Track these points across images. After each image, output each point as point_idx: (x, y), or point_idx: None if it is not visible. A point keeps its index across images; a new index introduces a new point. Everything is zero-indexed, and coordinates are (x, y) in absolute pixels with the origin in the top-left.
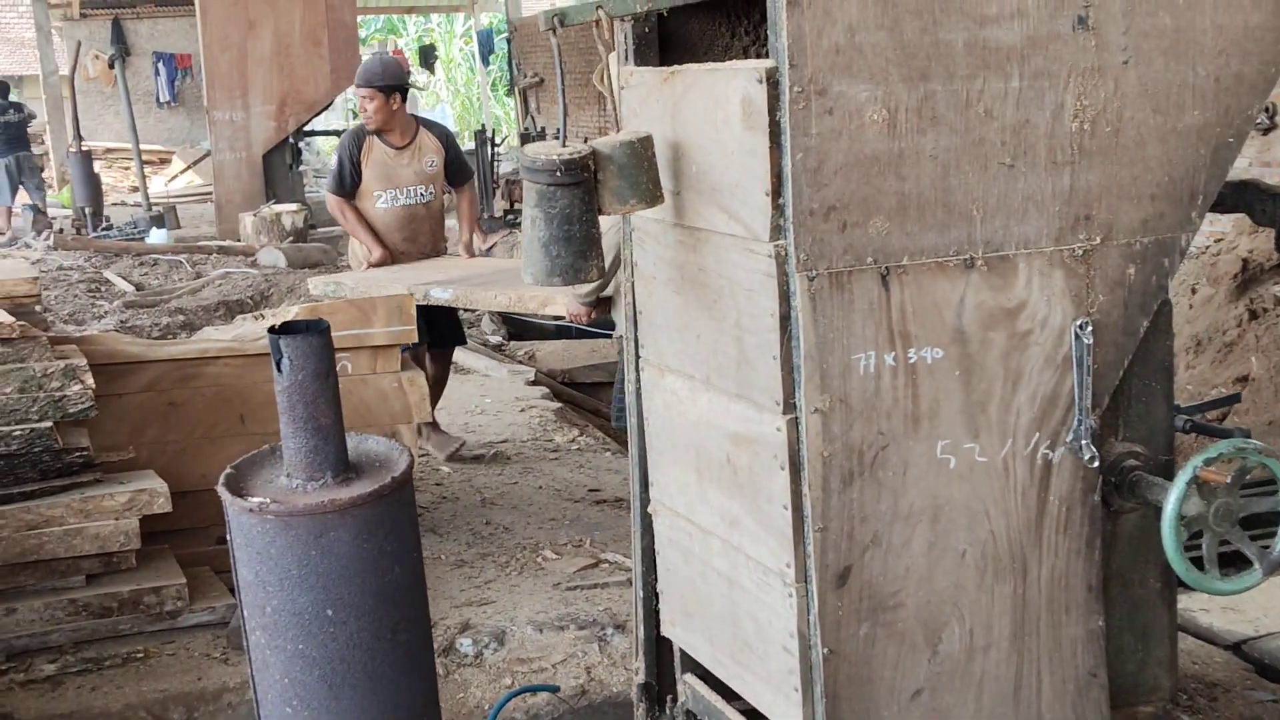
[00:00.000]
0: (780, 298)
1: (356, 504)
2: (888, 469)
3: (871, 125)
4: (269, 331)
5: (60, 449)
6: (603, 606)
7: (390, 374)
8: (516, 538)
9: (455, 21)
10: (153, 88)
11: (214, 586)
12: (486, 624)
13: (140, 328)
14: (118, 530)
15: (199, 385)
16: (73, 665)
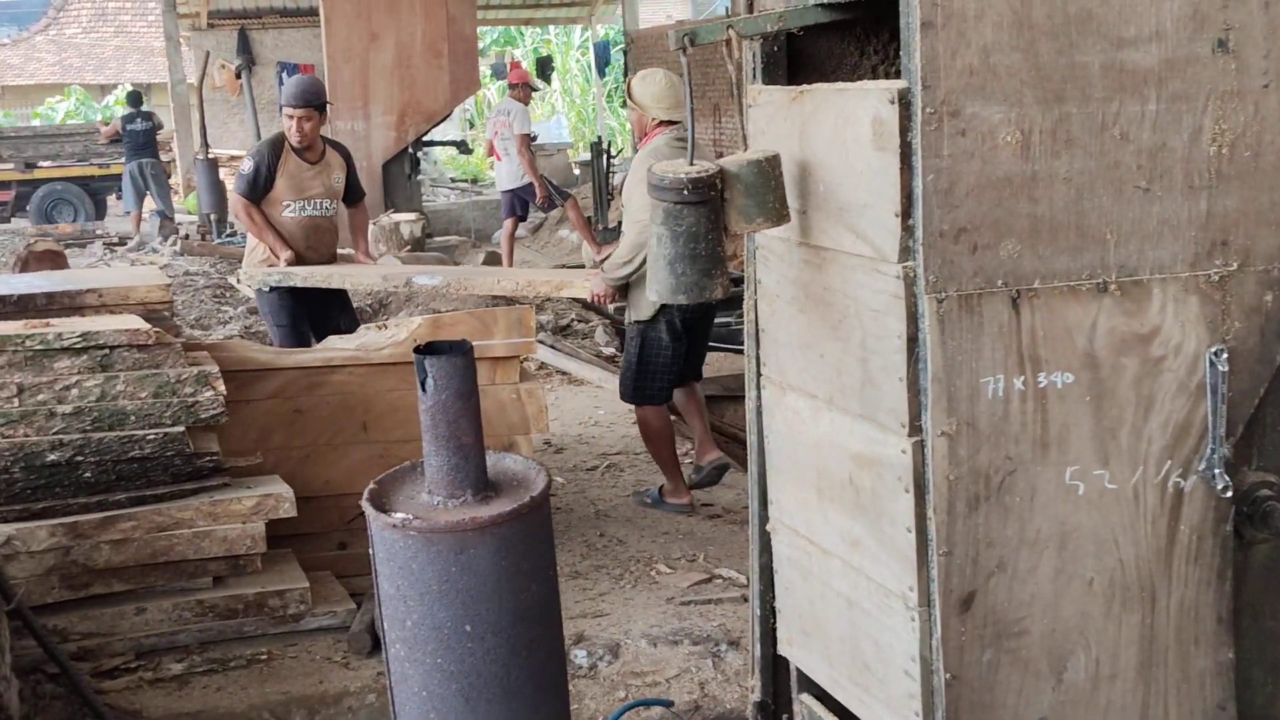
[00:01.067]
0: (908, 319)
1: (496, 522)
2: (1015, 494)
3: (1005, 147)
4: (414, 351)
5: (191, 453)
6: (717, 622)
7: (509, 385)
8: (630, 550)
9: (573, 33)
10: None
11: (335, 591)
12: (601, 636)
13: (264, 334)
14: (245, 534)
15: (323, 393)
16: (199, 665)
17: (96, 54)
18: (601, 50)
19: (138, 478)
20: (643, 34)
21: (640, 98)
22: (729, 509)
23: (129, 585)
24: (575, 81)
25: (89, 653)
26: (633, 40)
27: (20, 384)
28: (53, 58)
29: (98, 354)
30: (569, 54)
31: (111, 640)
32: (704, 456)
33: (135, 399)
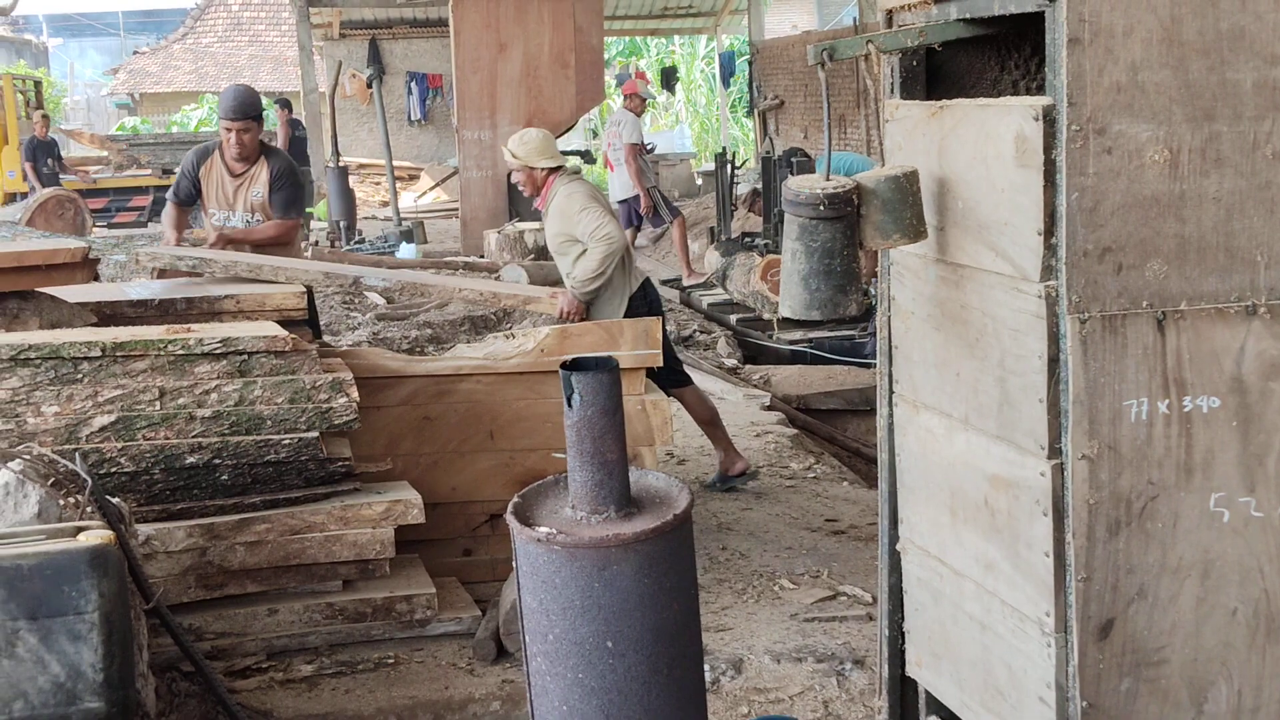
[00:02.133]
0: (1049, 339)
1: (640, 539)
2: (1157, 520)
3: (1152, 166)
4: (561, 367)
5: (324, 458)
6: (841, 640)
7: (634, 396)
8: (753, 565)
9: (698, 43)
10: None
11: (461, 597)
12: (724, 651)
13: (391, 340)
14: (374, 538)
15: (452, 401)
16: (328, 667)
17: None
18: (726, 60)
19: (272, 481)
20: (768, 44)
21: (524, 156)
22: (853, 525)
23: (262, 586)
24: (700, 92)
25: (222, 652)
26: (758, 50)
27: (162, 388)
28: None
29: (237, 359)
30: (694, 64)
31: (244, 640)
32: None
33: (272, 404)
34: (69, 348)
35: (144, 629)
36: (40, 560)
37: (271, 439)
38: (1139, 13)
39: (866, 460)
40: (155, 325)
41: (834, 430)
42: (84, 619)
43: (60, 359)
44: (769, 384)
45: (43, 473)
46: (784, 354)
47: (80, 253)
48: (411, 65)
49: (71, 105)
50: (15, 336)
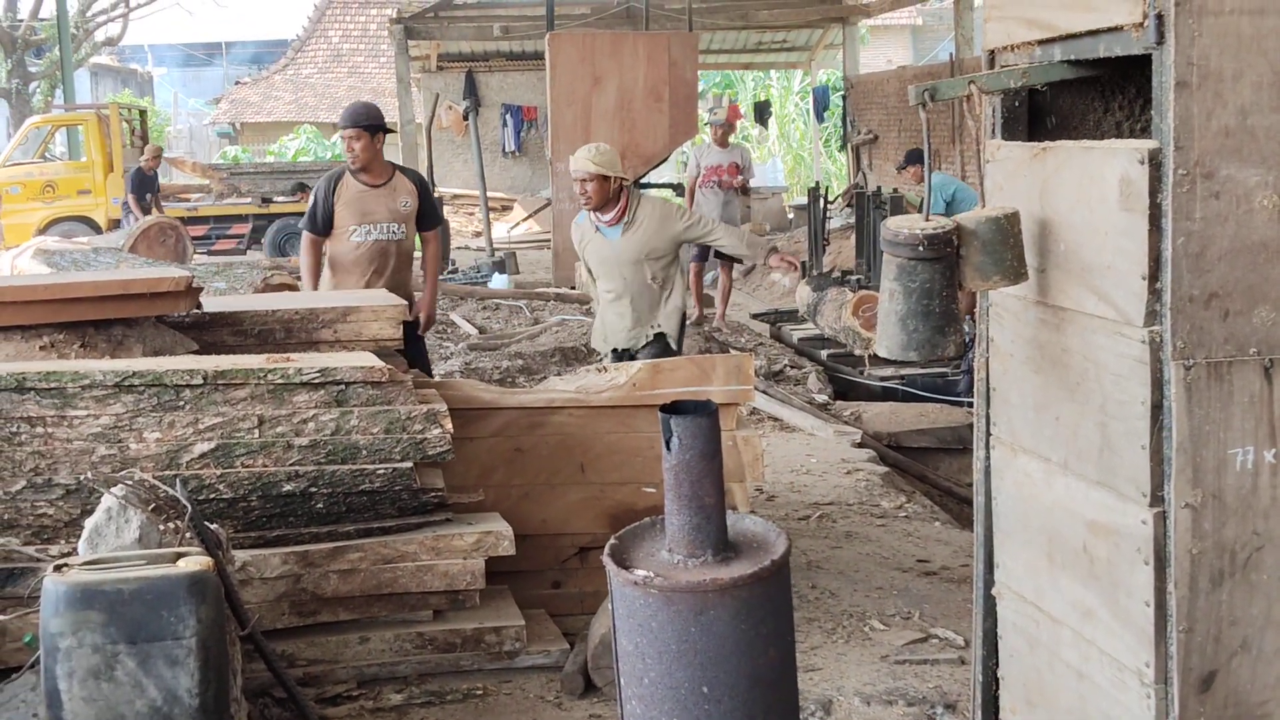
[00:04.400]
0: (1153, 385)
1: (737, 584)
2: (1262, 571)
3: (1261, 211)
4: (660, 410)
5: (418, 488)
6: (933, 684)
7: (726, 432)
8: (843, 604)
9: (793, 78)
10: (499, 137)
11: (549, 630)
12: (813, 692)
13: (482, 370)
14: (465, 569)
15: (544, 433)
16: (417, 697)
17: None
18: (821, 95)
19: (366, 510)
20: (862, 79)
21: (606, 165)
22: (945, 566)
23: (354, 614)
24: (793, 126)
25: (314, 679)
26: (852, 85)
27: (261, 416)
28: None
29: (334, 389)
30: (788, 98)
31: (335, 668)
32: None
33: (367, 434)
34: (171, 375)
35: (239, 654)
36: (140, 585)
37: (366, 469)
38: (1249, 56)
39: (958, 500)
40: (255, 354)
41: (925, 469)
42: (181, 644)
43: (163, 386)
44: (860, 420)
45: (144, 498)
46: (875, 390)
47: (184, 281)
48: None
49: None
50: (120, 363)
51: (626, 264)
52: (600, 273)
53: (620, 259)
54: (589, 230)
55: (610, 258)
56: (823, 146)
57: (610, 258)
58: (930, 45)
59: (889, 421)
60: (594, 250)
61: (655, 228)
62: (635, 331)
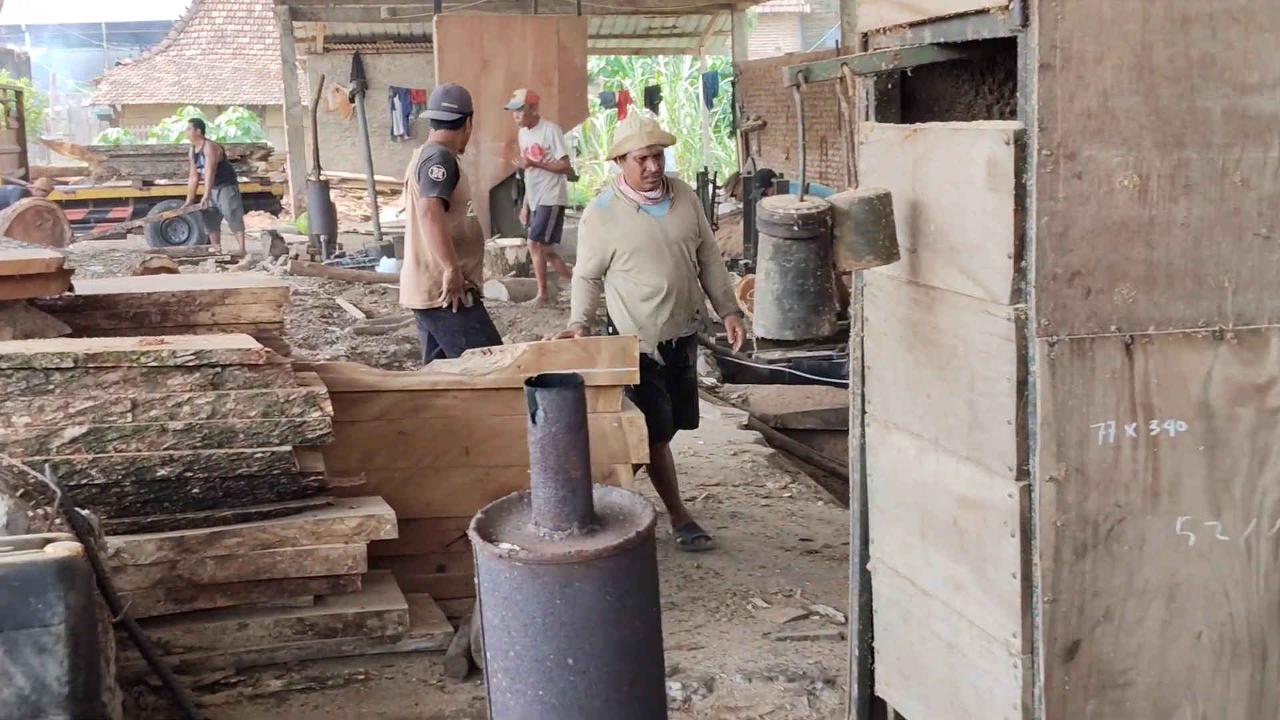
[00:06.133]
0: (1018, 362)
1: (602, 556)
2: (1123, 543)
3: (1121, 191)
4: (526, 384)
5: (297, 472)
6: (813, 659)
7: (610, 414)
8: (727, 583)
9: (682, 64)
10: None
11: (433, 613)
12: (696, 669)
13: (369, 354)
14: (346, 554)
15: (428, 416)
16: (297, 683)
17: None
18: (710, 81)
19: (244, 495)
20: (751, 66)
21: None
22: (827, 544)
23: (232, 601)
24: (683, 112)
25: (191, 666)
26: (741, 71)
27: (134, 399)
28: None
29: (210, 372)
30: (677, 84)
31: (213, 655)
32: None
33: (245, 417)
34: (41, 358)
35: (112, 642)
36: (6, 571)
37: (244, 452)
38: (1110, 39)
39: (842, 480)
40: (129, 337)
41: (811, 450)
42: (50, 631)
43: (32, 370)
44: (747, 403)
45: (11, 484)
46: (762, 373)
47: (55, 263)
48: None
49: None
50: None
51: (675, 241)
52: (645, 257)
53: (669, 237)
54: (626, 212)
55: (659, 236)
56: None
57: (659, 236)
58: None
59: (776, 404)
60: (636, 232)
61: (688, 206)
62: (684, 317)
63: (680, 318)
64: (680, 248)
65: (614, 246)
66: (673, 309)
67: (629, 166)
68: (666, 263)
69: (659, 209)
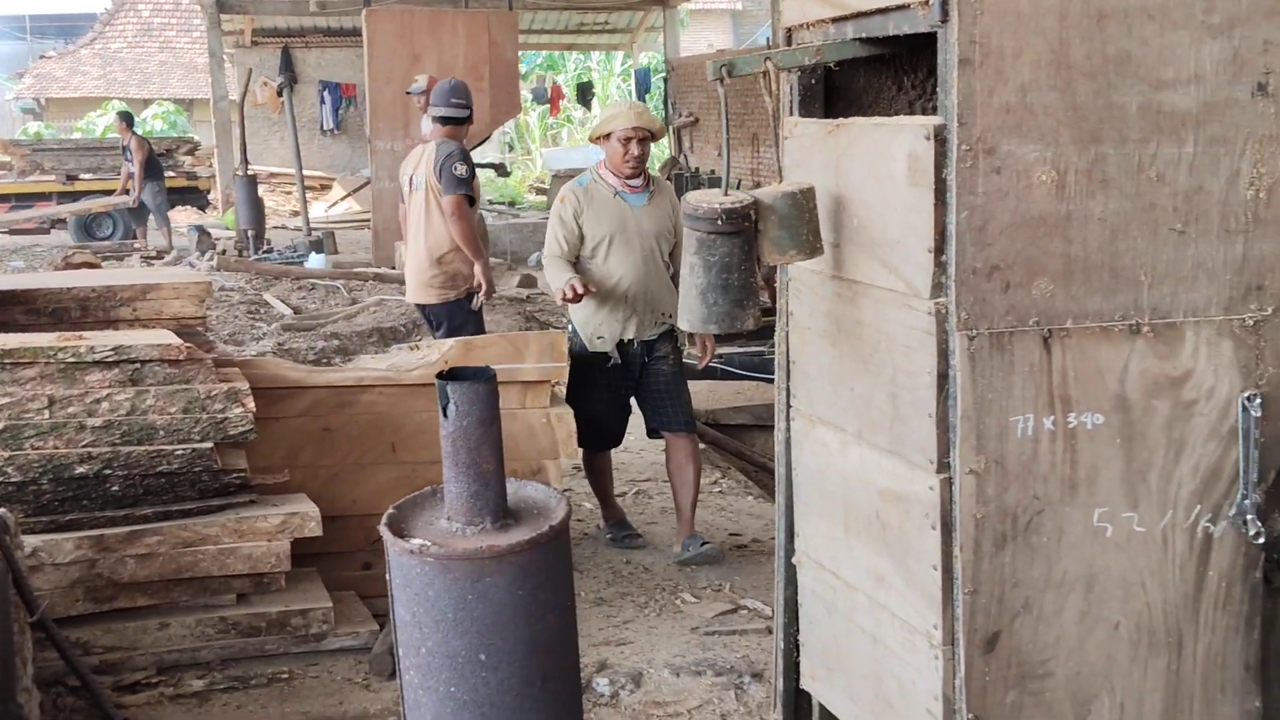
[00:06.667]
0: (939, 355)
1: (514, 551)
2: (1042, 534)
3: (1039, 186)
4: (436, 377)
5: (219, 470)
6: (740, 654)
7: (539, 409)
8: (656, 578)
9: (614, 60)
10: (317, 115)
11: (358, 611)
12: (624, 664)
13: (296, 350)
14: (269, 552)
15: (354, 412)
16: (220, 682)
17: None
18: (642, 77)
19: (165, 493)
20: (684, 62)
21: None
22: (756, 539)
23: (153, 600)
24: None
25: (111, 666)
26: (673, 68)
27: (51, 396)
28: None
29: (129, 368)
30: (610, 80)
31: (134, 655)
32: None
33: (165, 414)
34: None
35: (28, 642)
36: None
37: (164, 449)
38: (1028, 36)
39: (772, 475)
40: (47, 332)
41: (741, 445)
42: None
43: None
44: None
45: None
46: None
47: None
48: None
49: None
50: None
51: (648, 235)
52: (614, 246)
53: (642, 229)
54: (602, 195)
55: (631, 226)
56: None
57: (631, 226)
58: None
59: (707, 399)
60: (609, 218)
61: (667, 204)
62: (650, 319)
63: (645, 319)
64: (653, 244)
65: (583, 228)
66: (637, 307)
67: (611, 148)
68: (635, 256)
69: (637, 199)
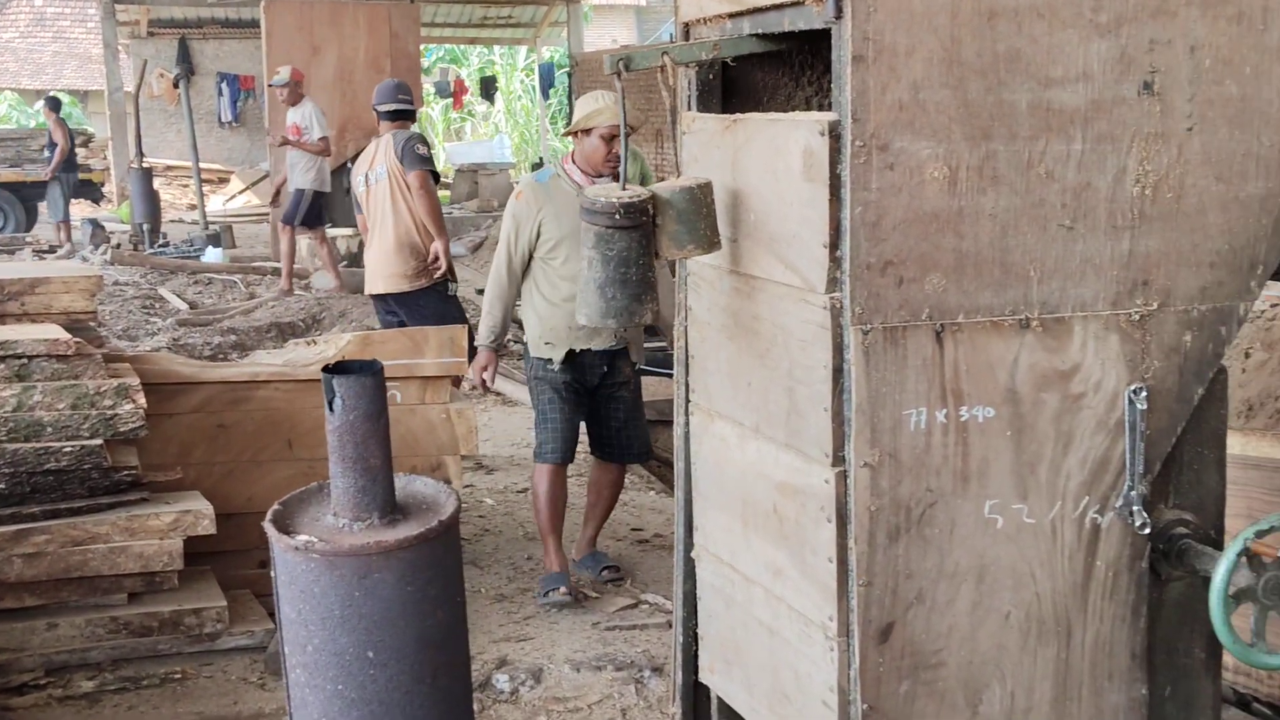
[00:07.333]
0: (834, 350)
1: (402, 546)
2: (935, 526)
3: (932, 182)
4: (322, 371)
5: (109, 467)
6: (641, 648)
7: (439, 405)
8: None
9: (518, 54)
10: (215, 107)
11: (254, 610)
12: (524, 660)
13: (192, 346)
14: (162, 550)
15: (248, 408)
16: (111, 683)
17: (33, 59)
18: (546, 72)
19: (53, 490)
20: (588, 57)
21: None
22: (658, 534)
23: (41, 600)
24: (519, 102)
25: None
26: (577, 63)
27: None
28: None
29: (15, 363)
30: (514, 75)
31: (21, 656)
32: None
33: (53, 410)
34: None
35: None
36: None
37: (52, 446)
38: (921, 33)
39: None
40: None
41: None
42: None
43: None
44: None
45: None
46: None
47: None
48: (223, 66)
49: None
50: None
51: None
52: (573, 247)
53: None
54: (564, 193)
55: None
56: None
57: None
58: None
59: None
60: (570, 217)
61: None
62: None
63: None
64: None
65: (541, 227)
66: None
67: (592, 145)
68: None
69: None
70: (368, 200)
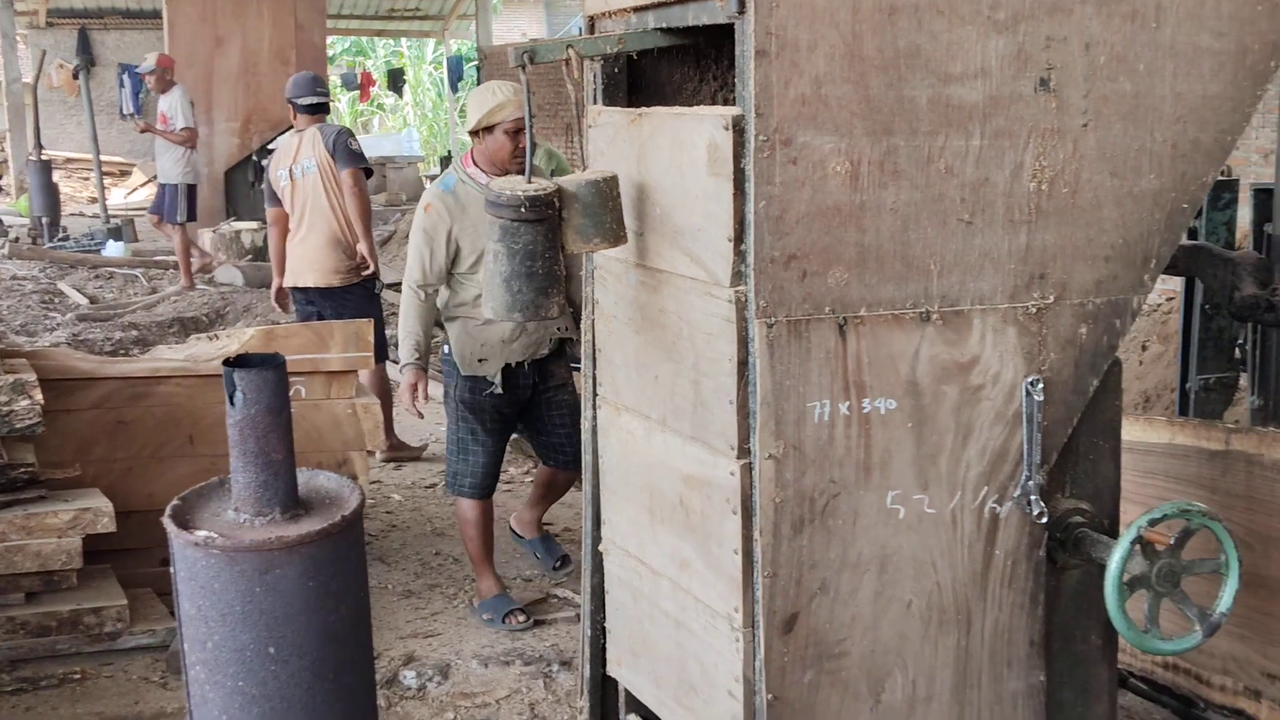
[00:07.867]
0: (739, 343)
1: (304, 542)
2: (838, 517)
3: (834, 176)
4: (223, 364)
5: (5, 464)
6: (550, 642)
7: (344, 400)
8: (466, 569)
9: (425, 47)
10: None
11: (155, 609)
12: (431, 656)
13: (93, 341)
14: (60, 549)
15: (149, 404)
16: (7, 684)
17: None
18: (454, 65)
19: None
20: (496, 50)
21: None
22: (568, 528)
23: None
24: (428, 95)
25: None
26: (485, 56)
27: None
28: None
29: None
30: (421, 68)
31: None
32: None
33: None
34: None
35: None
36: None
37: None
38: (823, 28)
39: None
40: None
41: None
42: None
43: None
44: None
45: None
46: None
47: None
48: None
49: None
50: None
51: None
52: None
53: None
54: (474, 198)
55: None
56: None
57: None
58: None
59: None
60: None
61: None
62: (543, 334)
63: (537, 336)
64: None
65: (457, 243)
66: (526, 326)
67: (497, 142)
68: None
69: None
70: (293, 194)
